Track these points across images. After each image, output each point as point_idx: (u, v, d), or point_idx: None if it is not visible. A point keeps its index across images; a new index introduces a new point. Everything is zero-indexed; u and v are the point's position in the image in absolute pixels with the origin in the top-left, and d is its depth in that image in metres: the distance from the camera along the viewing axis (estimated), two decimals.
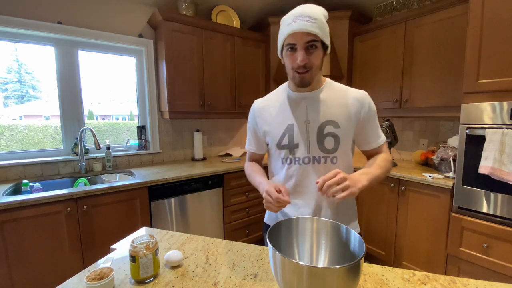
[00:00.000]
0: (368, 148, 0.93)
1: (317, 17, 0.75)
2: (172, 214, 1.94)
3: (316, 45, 0.77)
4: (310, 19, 0.74)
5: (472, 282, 0.67)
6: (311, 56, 0.79)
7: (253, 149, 1.04)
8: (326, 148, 0.86)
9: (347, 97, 0.87)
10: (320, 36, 0.76)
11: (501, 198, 1.45)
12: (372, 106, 0.89)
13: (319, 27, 0.75)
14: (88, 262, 1.59)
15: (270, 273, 0.72)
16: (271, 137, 0.93)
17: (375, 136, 0.91)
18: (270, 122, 0.94)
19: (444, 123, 2.23)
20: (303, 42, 0.77)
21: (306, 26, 0.74)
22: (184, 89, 2.20)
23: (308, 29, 0.74)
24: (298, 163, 0.89)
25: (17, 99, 2.07)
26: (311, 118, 0.87)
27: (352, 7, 2.51)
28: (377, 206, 2.12)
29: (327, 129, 0.86)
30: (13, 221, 1.37)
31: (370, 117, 0.88)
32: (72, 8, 1.96)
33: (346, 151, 0.89)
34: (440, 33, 1.89)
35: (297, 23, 0.75)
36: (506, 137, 1.37)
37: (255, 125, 0.99)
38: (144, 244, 0.68)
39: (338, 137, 0.86)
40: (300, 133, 0.88)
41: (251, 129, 1.02)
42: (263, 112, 0.96)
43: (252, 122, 1.00)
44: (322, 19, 0.77)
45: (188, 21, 2.15)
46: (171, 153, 2.54)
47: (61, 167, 1.98)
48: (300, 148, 0.88)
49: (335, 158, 0.87)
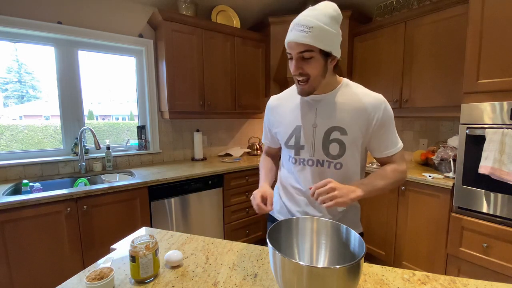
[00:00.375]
0: (380, 156, 0.89)
1: (315, 24, 0.71)
2: (172, 214, 1.94)
3: (311, 55, 0.75)
4: (304, 28, 0.72)
5: (472, 282, 0.67)
6: (306, 65, 0.77)
7: (268, 143, 1.09)
8: (331, 154, 0.86)
9: (361, 102, 0.83)
10: (316, 45, 0.73)
11: (501, 198, 1.45)
12: (387, 112, 0.83)
13: (316, 36, 0.72)
14: (88, 262, 1.59)
15: (270, 273, 0.72)
16: (281, 135, 0.96)
17: (389, 144, 0.87)
18: (281, 121, 0.96)
19: (444, 123, 2.23)
20: (296, 52, 0.76)
21: (298, 37, 0.73)
22: (184, 89, 2.20)
23: (300, 41, 0.73)
24: (302, 164, 0.91)
25: (17, 99, 2.07)
26: (319, 122, 0.87)
27: (352, 7, 2.51)
28: (377, 206, 2.12)
29: (333, 135, 0.85)
30: (13, 221, 1.38)
31: (385, 123, 0.84)
32: (72, 8, 1.96)
33: (353, 157, 0.87)
34: (440, 33, 1.89)
35: (292, 32, 0.75)
36: (506, 137, 1.37)
37: (269, 122, 1.03)
38: (144, 244, 0.68)
39: (344, 144, 0.84)
40: (307, 136, 0.88)
41: (266, 125, 1.06)
42: (276, 110, 0.99)
43: (267, 118, 1.04)
44: (322, 25, 0.72)
45: (188, 21, 2.15)
46: (171, 153, 2.54)
47: (61, 167, 1.98)
48: (305, 150, 0.89)
49: (339, 164, 0.86)
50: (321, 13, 0.73)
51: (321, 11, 0.74)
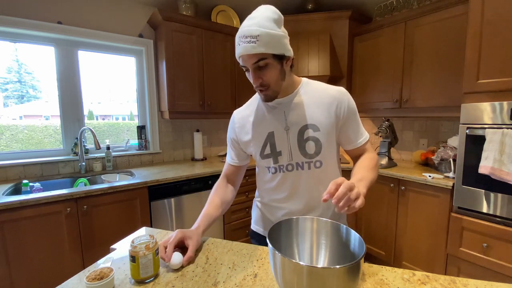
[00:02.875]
0: (352, 147, 0.90)
1: (260, 32, 0.70)
2: (172, 214, 1.94)
3: (266, 62, 0.74)
4: (251, 39, 0.70)
5: (472, 282, 0.67)
6: (264, 74, 0.76)
7: (231, 161, 1.00)
8: (308, 153, 0.85)
9: (325, 96, 0.85)
10: (268, 52, 0.72)
11: (501, 198, 1.45)
12: (351, 103, 0.86)
13: (264, 43, 0.70)
14: (88, 262, 1.59)
15: (270, 273, 0.72)
16: (254, 147, 0.91)
17: (358, 134, 0.88)
18: (251, 131, 0.91)
19: (444, 123, 2.23)
20: (250, 63, 0.75)
21: (248, 49, 0.71)
22: (184, 89, 2.20)
23: (251, 52, 0.71)
24: (282, 171, 0.88)
25: (17, 99, 2.08)
26: (290, 123, 0.85)
27: (352, 7, 2.51)
28: (377, 206, 2.12)
29: (306, 133, 0.84)
30: (13, 221, 1.37)
31: (351, 113, 0.86)
32: (72, 8, 1.96)
33: (330, 153, 0.87)
34: (440, 33, 1.89)
35: (240, 46, 0.73)
36: (506, 137, 1.37)
37: (235, 135, 0.96)
38: (144, 244, 0.68)
39: (319, 141, 0.84)
40: (281, 140, 0.86)
41: (231, 140, 0.98)
42: (242, 122, 0.94)
43: (232, 132, 0.97)
44: (269, 30, 0.71)
45: (188, 21, 2.15)
46: (171, 153, 2.54)
47: (61, 167, 1.98)
48: (283, 155, 0.87)
49: (318, 162, 0.86)
50: (262, 19, 0.72)
51: (261, 17, 0.72)
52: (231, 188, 1.01)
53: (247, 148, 0.94)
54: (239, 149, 0.97)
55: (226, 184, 1.00)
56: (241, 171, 1.03)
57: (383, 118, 2.28)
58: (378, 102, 2.34)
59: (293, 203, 0.91)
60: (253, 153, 0.93)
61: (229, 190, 0.99)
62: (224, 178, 1.01)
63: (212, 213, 0.91)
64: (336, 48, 2.45)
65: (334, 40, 2.43)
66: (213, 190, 0.98)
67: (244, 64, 0.77)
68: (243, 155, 0.99)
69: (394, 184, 1.97)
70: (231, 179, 1.02)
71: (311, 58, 2.35)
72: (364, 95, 2.44)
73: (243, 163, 1.01)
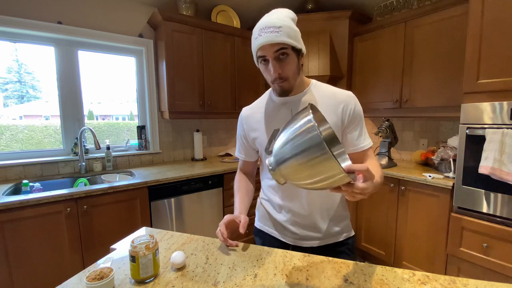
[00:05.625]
0: (354, 150, 0.88)
1: (282, 24, 0.73)
2: (172, 214, 1.94)
3: (286, 53, 0.76)
4: (274, 29, 0.73)
5: (472, 282, 0.67)
6: (284, 65, 0.78)
7: (243, 157, 1.05)
8: None
9: (333, 98, 0.86)
10: (289, 43, 0.74)
11: (501, 198, 1.45)
12: (358, 107, 0.86)
13: (286, 33, 0.73)
14: (88, 262, 1.59)
15: (270, 273, 0.72)
16: (260, 143, 0.94)
17: (361, 138, 0.88)
18: (257, 128, 0.94)
19: (444, 123, 2.23)
20: (272, 52, 0.76)
21: (271, 38, 0.73)
22: (184, 89, 2.20)
23: (274, 40, 0.73)
24: None
25: (17, 99, 2.08)
26: None
27: (352, 7, 2.51)
28: (377, 206, 2.12)
29: None
30: (13, 221, 1.37)
31: (357, 117, 0.86)
32: (72, 8, 1.96)
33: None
34: (440, 33, 1.89)
35: (262, 36, 0.74)
36: (506, 137, 1.37)
37: (244, 132, 1.00)
38: (144, 244, 0.68)
39: None
40: None
41: (240, 137, 1.03)
42: (250, 119, 0.97)
43: (241, 129, 1.01)
44: (289, 24, 0.75)
45: (188, 21, 2.15)
46: (171, 153, 2.54)
47: (61, 167, 1.98)
48: None
49: None
50: (281, 15, 0.76)
51: (280, 13, 0.77)
52: (250, 179, 1.10)
53: (254, 144, 0.98)
54: (248, 145, 1.01)
55: (243, 176, 1.09)
56: (253, 165, 1.10)
57: (383, 118, 2.28)
58: (378, 102, 2.34)
59: (295, 202, 0.91)
60: (259, 149, 0.97)
61: (250, 181, 1.09)
62: (240, 172, 1.10)
63: (247, 189, 1.04)
64: (336, 48, 2.45)
65: (334, 40, 2.43)
66: (236, 180, 1.07)
67: (265, 53, 0.77)
68: (251, 151, 1.03)
69: (394, 184, 1.97)
70: (246, 172, 1.10)
71: (311, 58, 2.35)
72: (364, 95, 2.44)
73: (252, 159, 1.06)
